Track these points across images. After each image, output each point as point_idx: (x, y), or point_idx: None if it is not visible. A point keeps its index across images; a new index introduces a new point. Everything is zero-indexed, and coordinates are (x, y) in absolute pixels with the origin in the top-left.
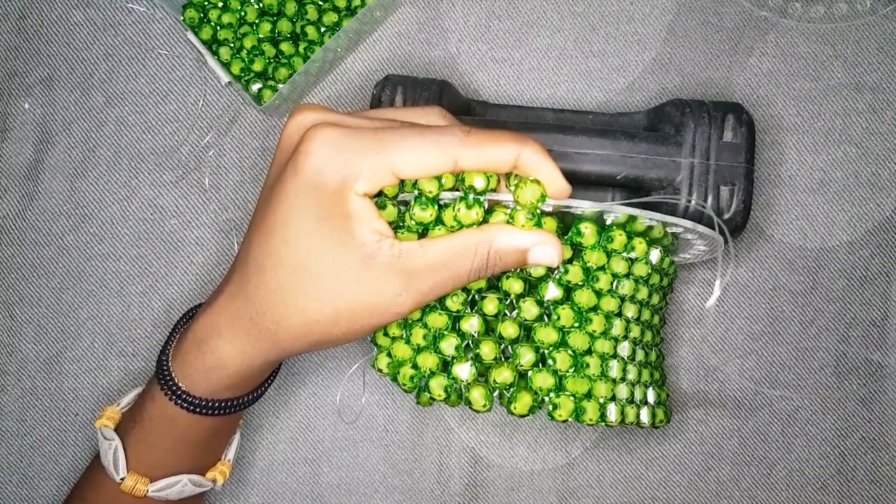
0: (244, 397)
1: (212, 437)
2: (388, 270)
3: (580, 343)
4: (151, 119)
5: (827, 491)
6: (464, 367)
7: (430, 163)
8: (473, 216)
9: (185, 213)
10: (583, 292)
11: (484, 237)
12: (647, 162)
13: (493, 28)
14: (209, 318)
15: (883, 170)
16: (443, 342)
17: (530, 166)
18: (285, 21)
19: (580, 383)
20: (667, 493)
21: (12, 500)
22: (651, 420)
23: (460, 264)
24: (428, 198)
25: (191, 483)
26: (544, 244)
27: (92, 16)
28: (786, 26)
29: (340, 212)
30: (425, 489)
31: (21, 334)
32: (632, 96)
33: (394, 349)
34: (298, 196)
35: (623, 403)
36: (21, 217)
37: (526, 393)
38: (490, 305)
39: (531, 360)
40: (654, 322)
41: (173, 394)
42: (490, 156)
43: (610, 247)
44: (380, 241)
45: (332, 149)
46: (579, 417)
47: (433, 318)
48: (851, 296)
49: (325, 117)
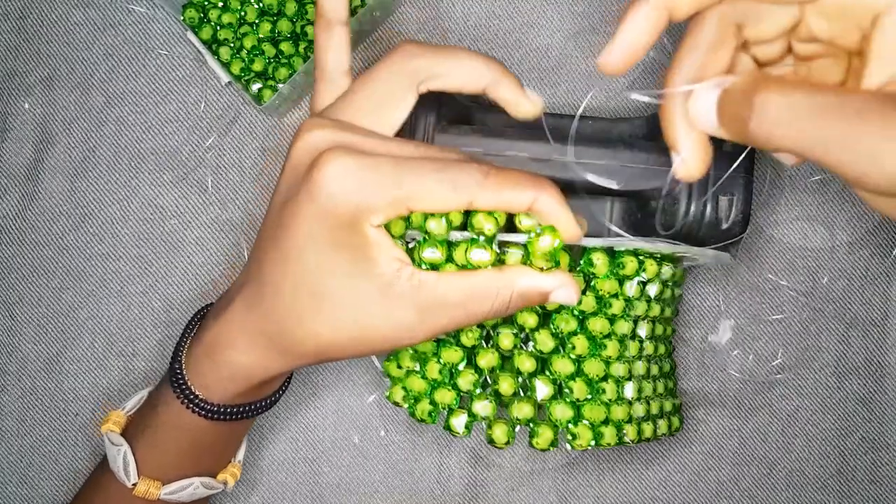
0: (260, 402)
1: (225, 442)
2: (406, 301)
3: (596, 370)
4: (151, 119)
5: (827, 491)
6: (483, 403)
7: (446, 202)
8: (486, 258)
9: (185, 213)
10: (597, 320)
11: (505, 281)
12: (645, 172)
13: (493, 28)
14: (223, 328)
15: None
16: (460, 378)
17: (545, 212)
18: (285, 21)
19: (597, 410)
20: (667, 493)
21: (12, 500)
22: (668, 430)
23: (479, 305)
24: (437, 239)
25: (202, 486)
26: (565, 287)
27: (92, 16)
28: None
29: (357, 241)
30: (425, 489)
31: (21, 334)
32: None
33: (408, 382)
34: (313, 223)
35: (639, 421)
36: (21, 217)
37: (547, 427)
38: (506, 340)
39: (549, 393)
40: (666, 334)
41: (189, 401)
42: (507, 199)
43: (622, 273)
44: (399, 270)
45: (348, 180)
46: (598, 443)
47: (448, 353)
48: (851, 296)
49: (339, 139)
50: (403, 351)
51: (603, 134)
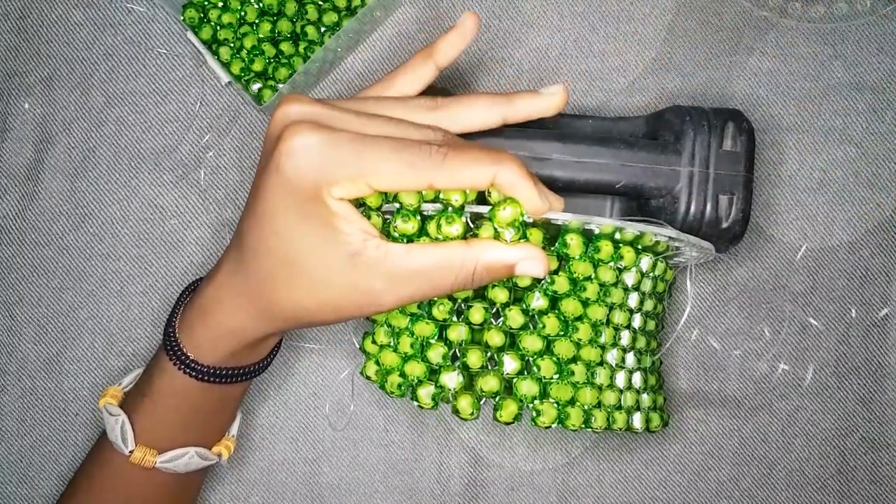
0: (252, 366)
1: (219, 409)
2: (373, 269)
3: (565, 351)
4: (151, 119)
5: (827, 491)
6: (451, 375)
7: (404, 183)
8: (455, 231)
9: (184, 213)
10: (569, 302)
11: (471, 253)
12: (646, 171)
13: (493, 28)
14: (211, 291)
15: (883, 170)
16: (430, 351)
17: (507, 186)
18: (285, 21)
19: (564, 390)
20: (667, 493)
21: (12, 499)
22: (644, 425)
23: (444, 276)
24: (409, 210)
25: (197, 455)
26: (530, 259)
27: (92, 16)
28: (786, 26)
29: (322, 212)
30: (425, 489)
31: (21, 334)
32: (632, 97)
33: (381, 357)
34: (280, 193)
35: (610, 409)
36: (21, 217)
37: (511, 401)
38: (476, 314)
39: (516, 368)
40: (648, 328)
41: (182, 363)
42: (465, 178)
43: (597, 257)
44: (366, 241)
45: (308, 154)
46: (563, 423)
47: (420, 326)
48: (851, 296)
49: (308, 112)
50: (378, 326)
51: (603, 132)
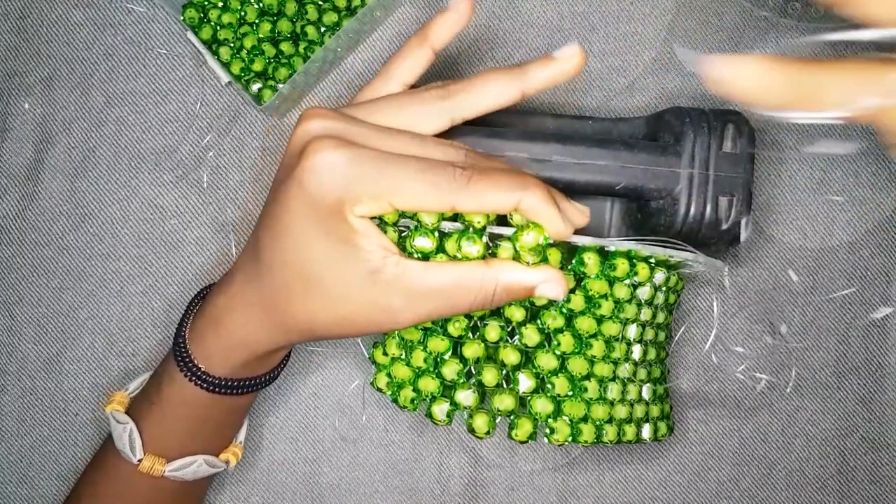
0: (262, 377)
1: (227, 418)
2: (392, 287)
3: (579, 368)
4: (151, 119)
5: (827, 491)
6: (467, 393)
7: (427, 204)
8: (475, 252)
9: (185, 213)
10: (584, 319)
11: (490, 274)
12: (646, 172)
13: (493, 28)
14: (224, 301)
15: (883, 170)
16: (445, 367)
17: (531, 211)
18: (285, 21)
19: (577, 407)
20: (667, 493)
21: (12, 499)
22: (653, 435)
23: (463, 296)
24: (428, 228)
25: (206, 463)
26: (550, 282)
27: (92, 16)
28: (786, 26)
29: (343, 229)
30: (425, 489)
31: (21, 334)
32: (632, 97)
33: (393, 370)
34: (301, 208)
35: (620, 422)
36: (21, 217)
37: (526, 419)
38: (492, 332)
39: (531, 387)
40: (658, 339)
41: (192, 374)
42: (489, 202)
43: (612, 274)
44: (385, 258)
45: (333, 171)
46: (576, 439)
47: (434, 342)
48: (851, 296)
49: (330, 128)
50: (390, 338)
51: (603, 134)
